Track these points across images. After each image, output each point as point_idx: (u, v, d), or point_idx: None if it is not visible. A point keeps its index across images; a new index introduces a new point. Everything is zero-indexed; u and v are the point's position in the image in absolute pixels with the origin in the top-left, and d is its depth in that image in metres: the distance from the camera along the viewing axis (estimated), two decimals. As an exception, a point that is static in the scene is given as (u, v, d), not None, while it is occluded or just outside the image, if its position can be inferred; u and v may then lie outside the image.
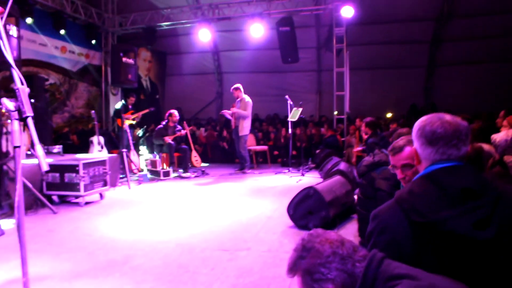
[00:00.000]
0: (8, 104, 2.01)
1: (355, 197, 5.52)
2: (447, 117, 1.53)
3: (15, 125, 2.03)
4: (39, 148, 2.00)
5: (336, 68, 10.59)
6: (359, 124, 9.15)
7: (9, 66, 2.02)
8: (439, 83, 13.48)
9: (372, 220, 1.52)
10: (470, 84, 12.68)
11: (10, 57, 2.01)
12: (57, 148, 7.69)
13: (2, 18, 2.06)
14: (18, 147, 2.01)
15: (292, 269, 1.25)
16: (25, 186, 5.18)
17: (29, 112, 2.01)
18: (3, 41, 1.99)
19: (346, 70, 10.39)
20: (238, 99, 9.22)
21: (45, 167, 2.00)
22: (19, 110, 2.02)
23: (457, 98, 12.68)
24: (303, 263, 1.22)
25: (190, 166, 9.26)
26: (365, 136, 7.06)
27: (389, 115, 13.34)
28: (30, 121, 2.01)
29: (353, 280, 1.16)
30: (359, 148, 7.95)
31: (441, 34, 12.86)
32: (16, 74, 2.01)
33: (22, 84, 2.03)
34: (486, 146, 3.91)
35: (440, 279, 1.12)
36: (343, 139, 10.42)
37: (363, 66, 13.04)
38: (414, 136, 1.60)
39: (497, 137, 3.57)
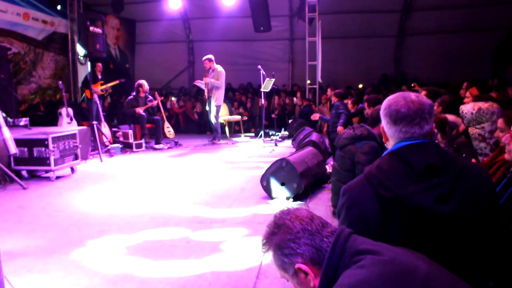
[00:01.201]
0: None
1: (327, 167, 5.67)
2: (412, 96, 1.58)
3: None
4: (5, 131, 1.96)
5: (308, 38, 10.55)
6: (331, 94, 9.25)
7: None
8: (408, 53, 13.64)
9: (342, 195, 1.59)
10: (439, 54, 12.89)
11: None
12: (24, 121, 7.44)
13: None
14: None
15: (265, 244, 1.33)
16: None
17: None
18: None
19: (318, 39, 10.37)
20: (211, 70, 9.11)
21: (13, 150, 1.97)
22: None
23: (426, 68, 12.92)
24: (275, 239, 1.29)
25: (162, 137, 9.20)
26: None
27: (360, 86, 13.49)
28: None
29: (320, 255, 1.24)
30: (317, 116, 8.08)
31: (411, 3, 12.92)
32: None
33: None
34: (451, 117, 4.06)
35: (402, 252, 1.21)
36: (316, 108, 10.52)
37: (335, 35, 13.01)
38: (381, 115, 1.65)
39: (465, 108, 3.70)
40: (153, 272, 2.95)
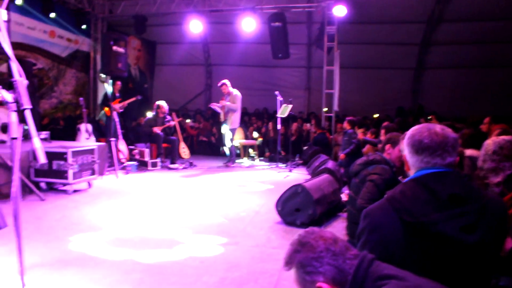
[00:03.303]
0: (6, 95, 2.01)
1: (342, 196, 5.63)
2: (437, 128, 1.59)
3: (13, 117, 2.02)
4: (36, 141, 2.01)
5: (326, 66, 10.66)
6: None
7: (7, 58, 2.02)
8: (426, 86, 13.67)
9: (363, 219, 1.58)
10: (457, 88, 12.90)
11: (9, 51, 2.00)
12: (44, 134, 7.60)
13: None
14: (15, 138, 2.01)
15: (288, 262, 1.33)
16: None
17: (27, 104, 2.01)
18: (3, 35, 1.98)
19: (336, 68, 10.46)
20: (227, 94, 9.24)
21: (43, 160, 2.02)
22: (17, 102, 2.02)
23: (443, 101, 12.91)
24: (298, 256, 1.30)
25: (178, 157, 9.27)
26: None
27: (375, 115, 13.48)
28: (28, 113, 2.01)
29: (342, 276, 1.23)
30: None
31: (431, 37, 13.02)
32: (15, 66, 2.01)
33: (21, 76, 2.04)
34: (472, 152, 3.99)
35: (427, 282, 1.19)
36: (331, 137, 10.52)
37: (353, 65, 13.13)
38: (404, 144, 1.66)
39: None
40: (167, 290, 2.94)
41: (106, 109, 9.09)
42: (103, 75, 12.05)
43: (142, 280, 3.09)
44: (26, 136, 6.54)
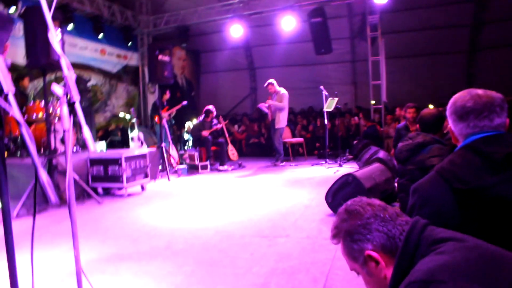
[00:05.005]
0: (58, 90, 2.12)
1: (396, 185, 5.41)
2: (479, 91, 1.51)
3: (64, 110, 2.12)
4: (86, 130, 2.09)
5: (371, 57, 10.38)
6: (399, 113, 8.94)
7: (58, 56, 2.13)
8: (482, 68, 12.86)
9: (412, 195, 1.51)
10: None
11: (58, 47, 2.10)
12: (100, 145, 8.02)
13: (50, 10, 2.14)
14: (68, 130, 2.11)
15: (335, 234, 1.26)
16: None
17: (76, 97, 2.10)
18: (51, 33, 2.07)
19: (382, 58, 10.16)
20: (274, 93, 9.24)
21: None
22: (67, 95, 2.12)
23: (501, 82, 12.08)
24: (345, 225, 1.23)
25: (227, 159, 9.39)
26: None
27: (431, 106, 12.89)
28: (77, 105, 2.10)
29: (393, 243, 1.15)
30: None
31: (483, 16, 12.27)
32: (64, 61, 2.11)
33: (69, 70, 2.13)
34: None
35: (487, 244, 1.09)
36: (381, 129, 10.21)
37: (399, 54, 12.68)
38: (447, 114, 1.58)
39: None
40: (218, 283, 2.95)
41: (156, 117, 9.43)
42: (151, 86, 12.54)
43: (194, 272, 3.13)
44: (84, 146, 6.94)
